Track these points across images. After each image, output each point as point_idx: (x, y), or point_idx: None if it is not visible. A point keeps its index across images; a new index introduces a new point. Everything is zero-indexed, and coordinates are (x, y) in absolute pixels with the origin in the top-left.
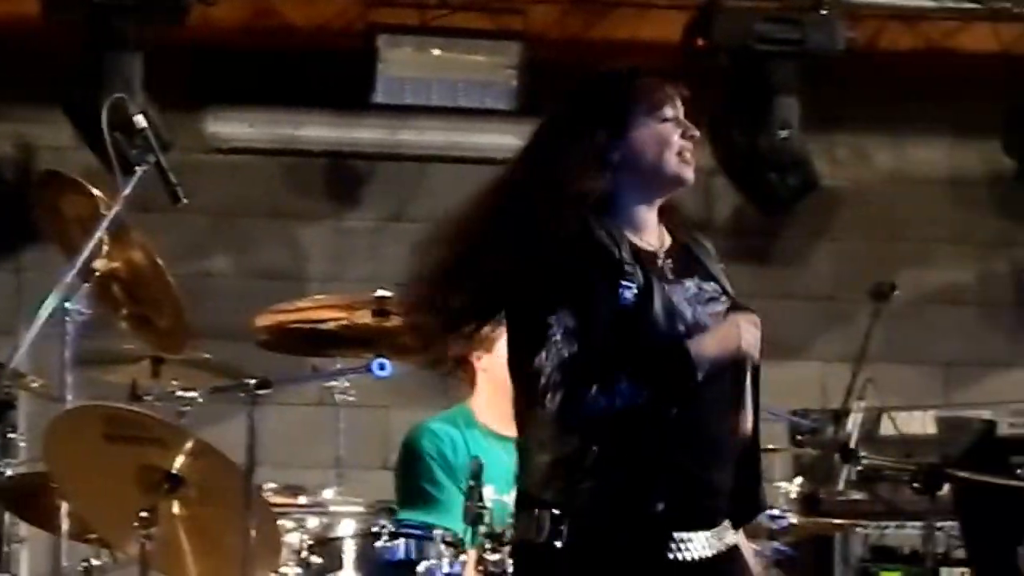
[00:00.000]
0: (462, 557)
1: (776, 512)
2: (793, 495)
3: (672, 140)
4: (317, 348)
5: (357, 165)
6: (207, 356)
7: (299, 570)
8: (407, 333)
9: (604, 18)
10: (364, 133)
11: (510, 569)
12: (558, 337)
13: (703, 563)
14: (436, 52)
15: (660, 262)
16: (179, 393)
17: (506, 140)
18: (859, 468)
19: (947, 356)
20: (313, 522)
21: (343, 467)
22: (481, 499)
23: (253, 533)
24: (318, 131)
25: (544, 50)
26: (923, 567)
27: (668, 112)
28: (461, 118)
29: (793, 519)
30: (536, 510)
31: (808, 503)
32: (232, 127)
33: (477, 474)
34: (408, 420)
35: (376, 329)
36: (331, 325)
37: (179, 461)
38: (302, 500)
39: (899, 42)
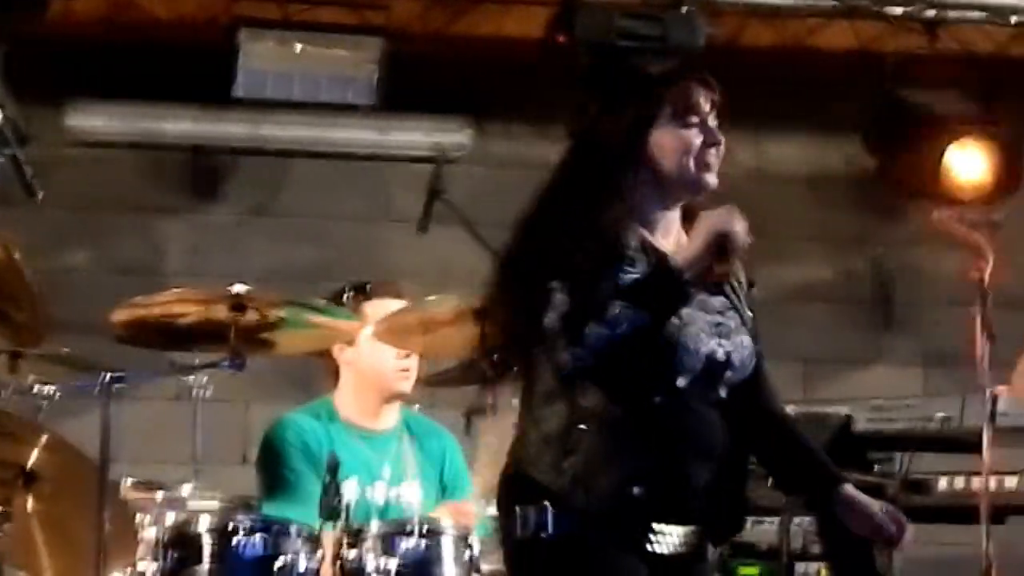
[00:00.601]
0: (319, 552)
1: None
2: None
3: (693, 146)
4: (174, 343)
5: (219, 159)
6: (66, 350)
7: (155, 565)
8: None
9: (466, 14)
10: (226, 127)
11: (367, 565)
12: (560, 296)
13: (677, 559)
14: (298, 46)
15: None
16: (36, 388)
17: (368, 135)
18: None
19: (806, 352)
20: (170, 517)
21: (201, 462)
22: (338, 495)
23: (108, 528)
24: (180, 125)
25: (406, 45)
26: (780, 562)
27: (693, 118)
28: (323, 113)
29: None
30: (518, 507)
31: None
32: (93, 121)
33: (334, 469)
34: (267, 415)
35: (233, 324)
36: (188, 320)
37: (34, 456)
38: (159, 495)
39: (759, 39)
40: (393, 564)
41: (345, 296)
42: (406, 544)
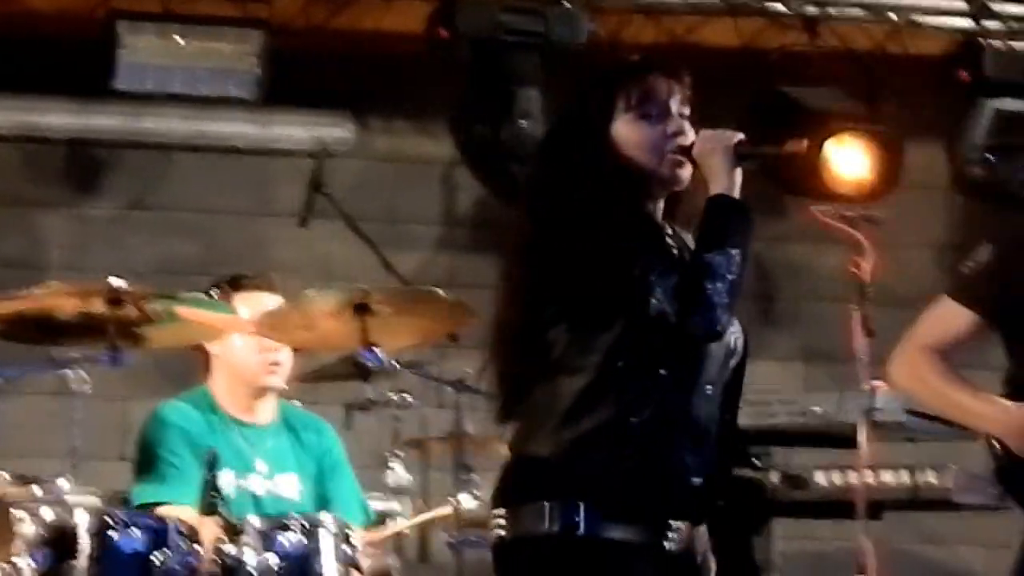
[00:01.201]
0: (197, 547)
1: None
2: None
3: (650, 138)
4: (52, 337)
5: (98, 153)
6: None
7: (32, 561)
8: None
9: (348, 8)
10: (105, 120)
11: (247, 560)
12: (655, 276)
13: (679, 556)
14: (179, 39)
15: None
16: None
17: (249, 129)
18: None
19: None
20: (47, 513)
21: (79, 458)
22: (217, 490)
23: None
24: (58, 118)
25: (288, 39)
26: None
27: (651, 109)
28: (204, 106)
29: None
30: (517, 506)
31: None
32: None
33: (212, 465)
34: (146, 411)
35: (111, 318)
36: (65, 314)
37: None
38: (36, 490)
39: (641, 35)
40: (273, 560)
41: (217, 290)
42: (286, 540)
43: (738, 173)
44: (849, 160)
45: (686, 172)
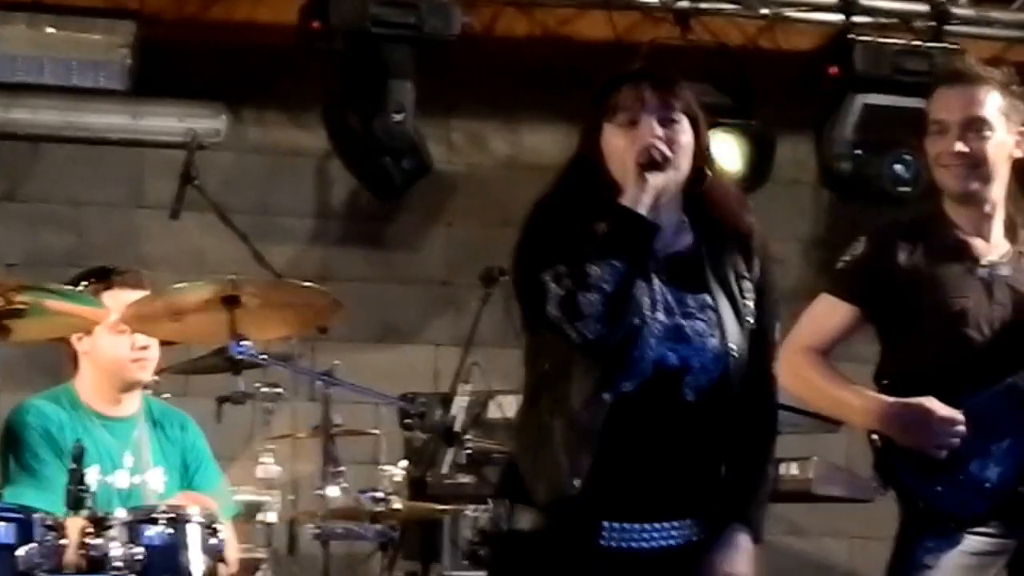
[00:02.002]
0: (63, 540)
1: (380, 495)
2: (399, 479)
3: (621, 146)
4: None
5: None
6: None
7: None
8: None
9: None
10: None
11: (112, 553)
12: (554, 286)
13: (642, 556)
14: (49, 30)
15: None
16: None
17: (120, 120)
18: (468, 451)
19: None
20: None
21: None
22: (83, 483)
23: None
24: None
25: (160, 30)
26: None
27: (621, 117)
28: (75, 97)
29: (398, 503)
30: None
31: (415, 487)
32: None
33: (79, 458)
34: (14, 404)
35: None
36: None
37: None
38: None
39: (515, 28)
40: (139, 552)
41: (84, 283)
42: (151, 532)
43: (651, 182)
44: (720, 155)
45: (654, 177)
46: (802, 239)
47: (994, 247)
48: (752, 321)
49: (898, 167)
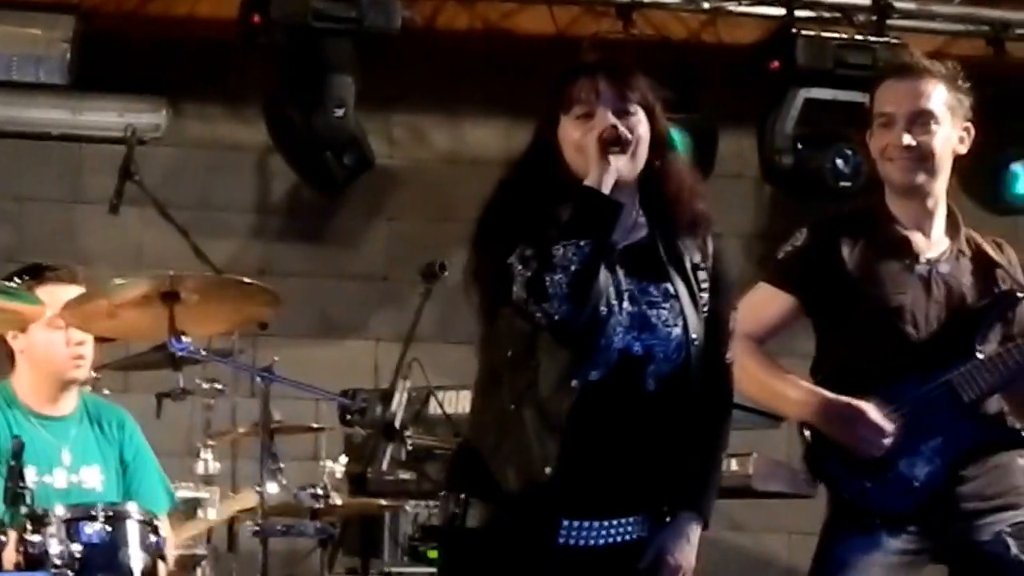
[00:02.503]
0: (1, 538)
1: (320, 491)
2: (339, 475)
3: (574, 138)
4: None
5: None
6: None
7: None
8: None
9: None
10: None
11: (51, 550)
12: (520, 267)
13: (594, 553)
14: None
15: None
16: None
17: (60, 115)
18: (408, 447)
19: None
20: None
21: None
22: (22, 479)
23: None
24: None
25: (100, 24)
26: None
27: (577, 110)
28: (14, 91)
29: (338, 499)
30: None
31: (355, 482)
32: None
33: (18, 454)
34: None
35: None
36: None
37: None
38: None
39: (456, 22)
40: (77, 549)
41: (17, 280)
42: (90, 529)
43: (613, 164)
44: None
45: (615, 164)
46: (744, 233)
47: (934, 243)
48: (706, 309)
49: (839, 161)
